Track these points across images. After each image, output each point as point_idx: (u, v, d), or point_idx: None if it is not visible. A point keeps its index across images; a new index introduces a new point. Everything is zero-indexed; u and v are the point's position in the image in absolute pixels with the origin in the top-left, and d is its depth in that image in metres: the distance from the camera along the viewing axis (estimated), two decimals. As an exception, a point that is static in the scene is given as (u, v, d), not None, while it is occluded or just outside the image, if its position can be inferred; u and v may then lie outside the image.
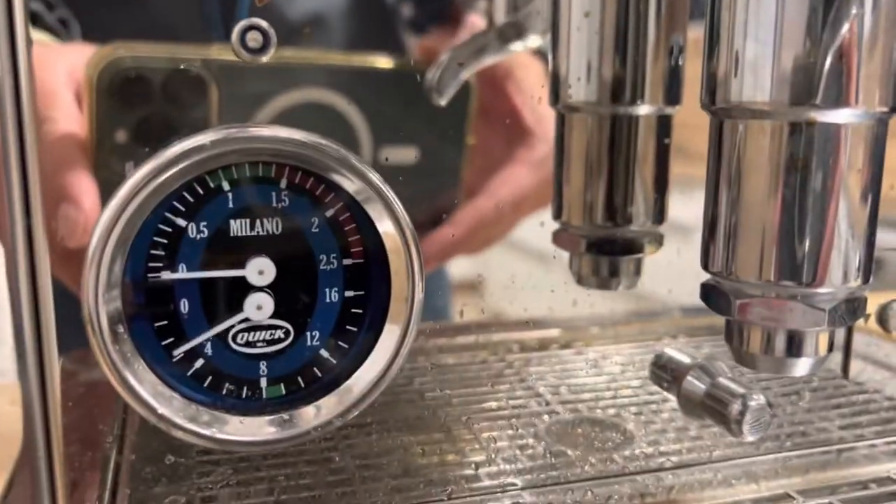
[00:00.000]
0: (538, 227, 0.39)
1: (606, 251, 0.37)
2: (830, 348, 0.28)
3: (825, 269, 0.26)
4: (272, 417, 0.30)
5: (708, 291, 0.28)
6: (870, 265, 0.26)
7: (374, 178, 0.28)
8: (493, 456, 0.37)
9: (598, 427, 0.41)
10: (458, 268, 0.48)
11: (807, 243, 0.25)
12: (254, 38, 0.26)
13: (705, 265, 0.28)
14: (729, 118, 0.26)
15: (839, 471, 0.38)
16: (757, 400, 0.32)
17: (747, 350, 0.27)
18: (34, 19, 0.38)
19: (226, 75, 0.36)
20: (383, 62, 0.42)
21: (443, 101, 0.42)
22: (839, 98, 0.24)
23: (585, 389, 0.44)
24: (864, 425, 0.41)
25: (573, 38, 0.36)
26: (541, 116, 0.41)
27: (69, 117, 0.33)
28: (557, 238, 0.39)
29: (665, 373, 0.35)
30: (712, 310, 0.28)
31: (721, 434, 0.38)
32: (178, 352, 0.28)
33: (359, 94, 0.41)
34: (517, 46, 0.43)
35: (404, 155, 0.41)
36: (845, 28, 0.24)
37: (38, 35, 0.37)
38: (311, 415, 0.30)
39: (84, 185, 0.32)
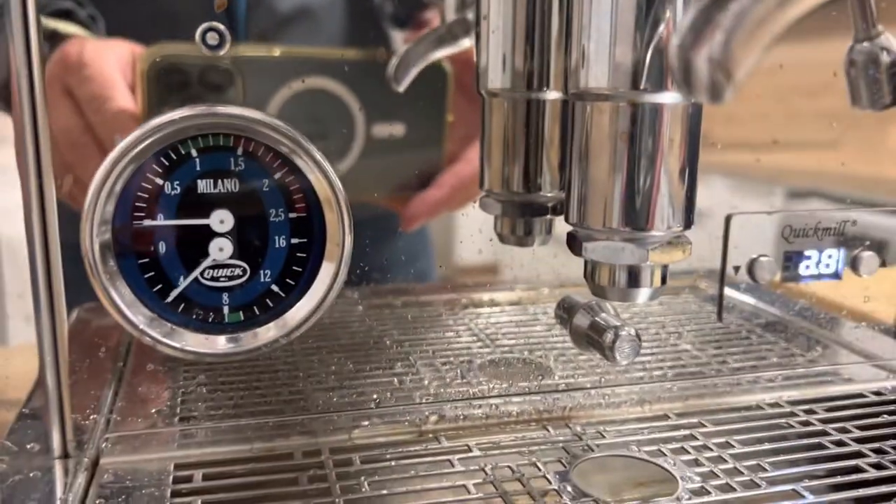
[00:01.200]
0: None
1: (521, 213, 0.45)
2: (663, 280, 0.35)
3: (652, 218, 0.33)
4: (231, 335, 0.38)
5: (569, 239, 0.35)
6: (689, 215, 0.34)
7: (309, 147, 0.36)
8: (421, 379, 0.44)
9: (521, 363, 0.49)
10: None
11: (638, 198, 0.33)
12: (212, 37, 0.34)
13: (567, 218, 0.35)
14: (580, 101, 0.33)
15: (714, 399, 0.45)
16: (627, 330, 0.39)
17: (598, 283, 0.35)
18: (68, 14, 0.45)
19: (248, 68, 0.44)
20: (374, 54, 0.49)
21: (400, 89, 0.50)
22: (661, 85, 0.31)
23: (520, 335, 0.52)
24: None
25: (492, 35, 0.43)
26: None
27: (125, 97, 0.41)
28: (482, 204, 0.46)
29: (563, 312, 0.43)
30: (572, 253, 0.35)
31: (624, 369, 0.46)
32: (157, 285, 0.37)
33: (353, 81, 0.48)
34: (465, 42, 0.50)
35: (393, 130, 0.48)
36: (662, 28, 0.31)
37: (73, 28, 0.44)
38: (262, 335, 0.38)
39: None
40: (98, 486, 0.35)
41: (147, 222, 0.36)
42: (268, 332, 0.38)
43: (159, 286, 0.37)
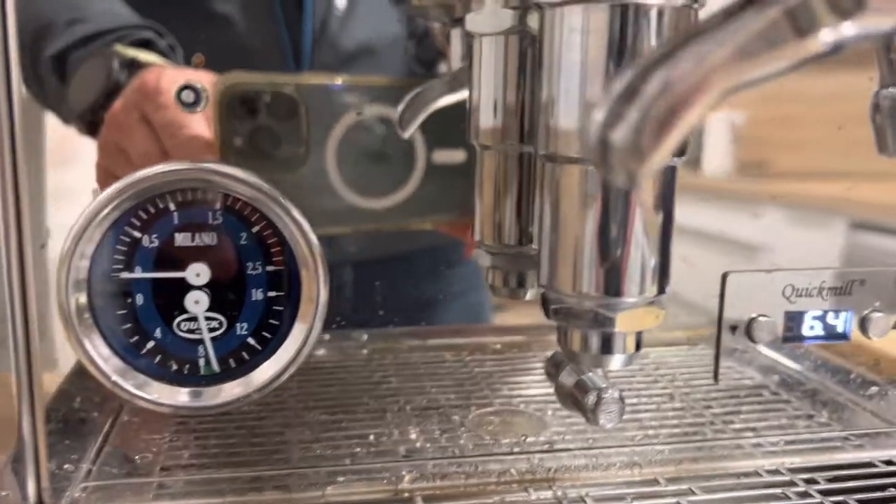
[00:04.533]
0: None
1: (513, 266, 0.44)
2: (638, 347, 0.34)
3: (623, 283, 0.32)
4: (207, 389, 0.38)
5: (542, 301, 0.34)
6: (663, 280, 0.32)
7: (287, 204, 0.36)
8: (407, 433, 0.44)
9: (518, 416, 0.48)
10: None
11: (607, 263, 0.32)
12: (187, 95, 0.35)
13: (538, 280, 0.34)
14: (549, 162, 0.33)
15: (709, 463, 0.43)
16: (611, 393, 0.38)
17: (570, 348, 0.34)
18: (148, 45, 0.47)
19: (311, 95, 0.45)
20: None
21: (405, 135, 0.50)
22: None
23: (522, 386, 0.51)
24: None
25: (483, 86, 0.43)
26: None
27: (199, 123, 0.42)
28: (474, 255, 0.45)
29: (552, 367, 0.42)
30: (545, 315, 0.34)
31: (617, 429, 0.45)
32: (134, 337, 0.37)
33: None
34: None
35: (453, 156, 0.48)
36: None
37: (152, 57, 0.46)
38: (238, 389, 0.38)
39: None
40: (67, 537, 0.35)
41: (124, 275, 0.36)
42: (243, 387, 0.38)
43: (135, 338, 0.37)
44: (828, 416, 0.49)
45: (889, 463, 0.44)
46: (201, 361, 0.38)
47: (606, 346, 0.33)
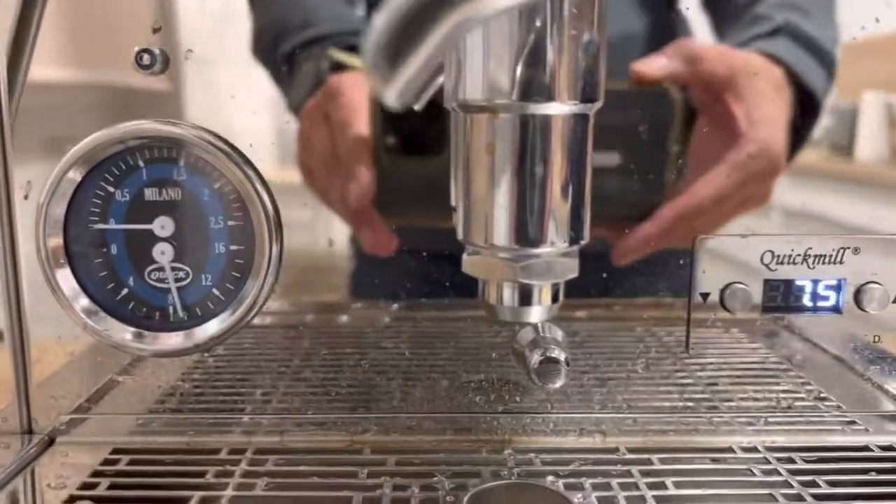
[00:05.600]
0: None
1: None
2: (555, 298, 0.33)
3: (538, 234, 0.31)
4: (176, 334, 0.41)
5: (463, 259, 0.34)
6: (578, 232, 0.32)
7: (243, 164, 0.38)
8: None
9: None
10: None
11: (524, 215, 0.31)
12: (144, 59, 0.38)
13: (458, 234, 0.34)
14: (462, 112, 0.32)
15: (683, 437, 0.42)
16: (553, 353, 0.37)
17: (486, 301, 0.34)
18: (355, 49, 0.48)
19: None
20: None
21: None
22: (531, 95, 0.30)
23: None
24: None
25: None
26: (755, 121, 0.43)
27: (364, 124, 0.46)
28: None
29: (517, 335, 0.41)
30: (464, 271, 0.34)
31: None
32: (113, 286, 0.40)
33: None
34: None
35: (607, 159, 0.46)
36: (532, 38, 0.30)
37: (357, 61, 0.47)
38: (205, 334, 0.40)
39: (363, 170, 0.45)
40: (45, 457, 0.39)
41: (99, 225, 0.40)
42: (207, 332, 0.40)
43: (111, 284, 0.40)
44: (839, 397, 0.45)
45: (888, 448, 0.40)
46: (170, 309, 0.41)
47: (524, 299, 0.33)
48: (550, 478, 0.37)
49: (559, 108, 0.31)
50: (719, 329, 0.42)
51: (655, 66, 0.44)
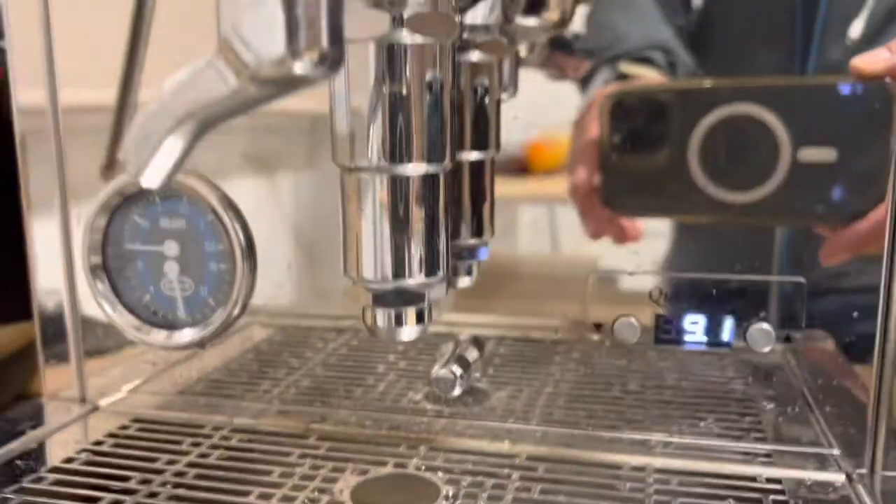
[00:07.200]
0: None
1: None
2: (420, 320, 0.40)
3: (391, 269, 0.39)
4: (183, 331, 0.52)
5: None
6: (432, 267, 0.38)
7: (217, 206, 0.49)
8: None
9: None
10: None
11: (381, 255, 0.39)
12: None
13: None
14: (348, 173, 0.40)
15: (583, 452, 0.46)
16: (447, 369, 0.44)
17: (367, 325, 0.41)
18: (648, 61, 0.56)
19: (681, 99, 0.53)
20: (807, 79, 0.52)
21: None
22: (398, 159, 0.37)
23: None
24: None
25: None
26: None
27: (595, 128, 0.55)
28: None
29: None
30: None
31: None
32: (139, 292, 0.52)
33: (779, 105, 0.50)
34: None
35: (823, 155, 0.47)
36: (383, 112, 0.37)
37: (645, 71, 0.55)
38: (203, 332, 0.51)
39: (585, 172, 0.54)
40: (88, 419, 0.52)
41: (128, 246, 0.52)
42: (205, 330, 0.51)
43: (138, 292, 0.53)
44: (772, 427, 0.47)
45: (773, 481, 0.42)
46: (179, 312, 0.52)
47: (395, 321, 0.40)
48: (440, 473, 0.44)
49: (414, 170, 0.38)
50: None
51: (877, 59, 0.43)
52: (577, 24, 0.57)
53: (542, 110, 0.55)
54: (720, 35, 0.56)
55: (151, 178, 0.28)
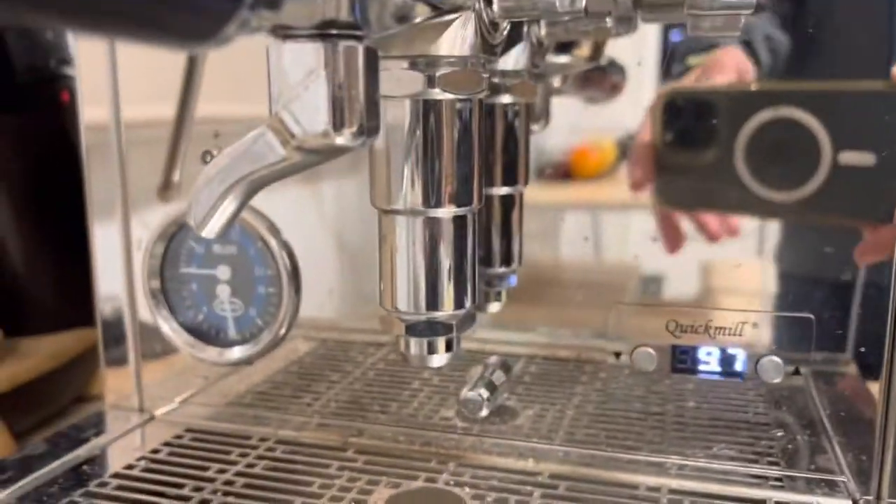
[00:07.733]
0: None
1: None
2: (449, 348, 0.43)
3: (426, 303, 0.42)
4: (233, 349, 0.56)
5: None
6: (460, 301, 0.42)
7: (266, 234, 0.53)
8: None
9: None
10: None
11: (414, 289, 0.42)
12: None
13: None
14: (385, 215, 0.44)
15: (603, 472, 0.49)
16: (475, 392, 0.47)
17: (401, 351, 0.45)
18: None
19: (725, 99, 0.55)
20: (848, 84, 0.53)
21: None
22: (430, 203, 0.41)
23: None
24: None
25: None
26: None
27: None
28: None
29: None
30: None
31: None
32: (194, 312, 0.57)
33: (822, 109, 0.52)
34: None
35: (862, 159, 0.49)
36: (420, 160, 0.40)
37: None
38: (252, 350, 0.55)
39: (645, 170, 0.57)
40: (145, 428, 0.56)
41: (183, 269, 0.56)
42: (255, 347, 0.56)
43: (192, 311, 0.57)
44: (786, 452, 0.50)
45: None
46: (230, 331, 0.56)
47: (428, 349, 0.44)
48: (467, 488, 0.47)
49: (445, 213, 0.41)
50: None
51: None
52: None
53: (587, 115, 0.58)
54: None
55: (209, 231, 0.32)
